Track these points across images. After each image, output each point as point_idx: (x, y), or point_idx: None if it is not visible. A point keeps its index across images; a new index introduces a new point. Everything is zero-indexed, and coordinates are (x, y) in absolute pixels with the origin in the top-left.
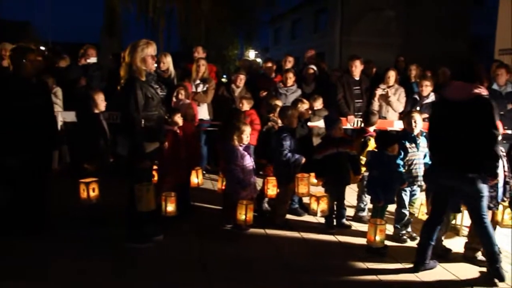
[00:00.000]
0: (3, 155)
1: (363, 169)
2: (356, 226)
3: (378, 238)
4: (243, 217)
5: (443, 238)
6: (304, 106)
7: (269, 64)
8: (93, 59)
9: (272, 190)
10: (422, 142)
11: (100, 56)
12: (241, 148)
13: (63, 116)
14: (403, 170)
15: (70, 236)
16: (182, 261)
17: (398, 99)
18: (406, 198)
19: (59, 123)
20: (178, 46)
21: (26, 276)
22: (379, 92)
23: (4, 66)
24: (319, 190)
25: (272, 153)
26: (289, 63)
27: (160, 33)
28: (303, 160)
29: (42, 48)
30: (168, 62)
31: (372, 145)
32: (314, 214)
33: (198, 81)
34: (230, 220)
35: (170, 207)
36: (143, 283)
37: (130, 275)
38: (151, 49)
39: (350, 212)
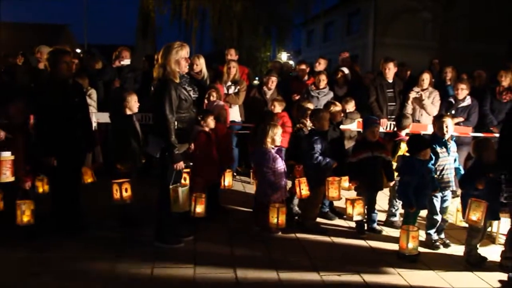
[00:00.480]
0: (41, 155)
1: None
2: (387, 231)
3: (410, 245)
4: (275, 220)
5: (478, 246)
6: (336, 108)
7: (303, 66)
8: (127, 61)
9: (305, 190)
10: (453, 146)
11: (135, 58)
12: (273, 151)
13: (97, 117)
14: (435, 176)
15: (101, 236)
16: (212, 263)
17: (433, 102)
18: (438, 204)
19: (93, 124)
20: (210, 48)
21: (63, 275)
22: (412, 95)
23: (41, 68)
24: (351, 194)
25: (303, 156)
26: (320, 65)
27: (193, 35)
28: (334, 163)
29: (78, 50)
30: (201, 64)
31: (403, 149)
32: (350, 218)
33: (229, 83)
34: (260, 222)
35: (199, 208)
36: (172, 283)
37: (159, 275)
38: (185, 51)
39: (381, 217)
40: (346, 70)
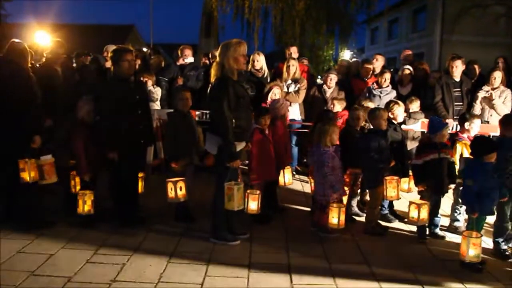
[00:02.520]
0: (105, 149)
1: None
2: (450, 237)
3: (471, 252)
4: (335, 220)
5: None
6: (399, 108)
7: (368, 65)
8: (190, 59)
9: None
10: None
11: (198, 56)
12: (331, 150)
13: (159, 114)
14: (503, 181)
15: (159, 230)
16: (266, 262)
17: (504, 102)
18: (508, 211)
19: (155, 121)
20: (273, 46)
21: (120, 265)
22: (481, 94)
23: (107, 67)
24: (412, 197)
25: (359, 156)
26: (377, 61)
27: (255, 34)
28: (392, 163)
29: (145, 49)
30: (261, 60)
31: (458, 150)
32: (413, 222)
33: (289, 81)
34: (318, 222)
35: (253, 205)
36: (227, 281)
37: (212, 272)
38: (243, 49)
39: (444, 221)
40: (410, 69)
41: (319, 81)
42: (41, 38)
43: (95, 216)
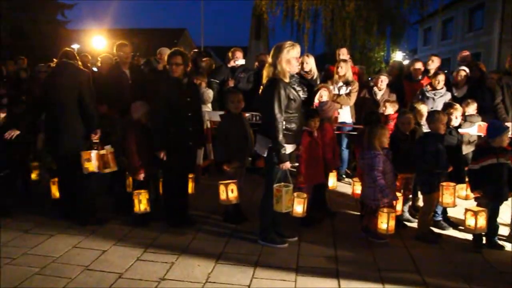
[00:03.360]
0: (155, 149)
1: None
2: (510, 247)
3: None
4: (384, 225)
5: None
6: (455, 111)
7: (417, 66)
8: (241, 61)
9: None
10: None
11: (248, 58)
12: (382, 153)
13: (210, 116)
14: None
15: (208, 230)
16: (314, 267)
17: None
18: None
19: (206, 122)
20: (323, 48)
21: (170, 263)
22: None
23: (160, 69)
24: (469, 204)
25: (414, 160)
26: (433, 62)
27: (305, 36)
28: (449, 168)
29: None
30: (310, 63)
31: None
32: (470, 231)
33: (340, 83)
34: (368, 227)
35: (299, 208)
36: (272, 283)
37: (259, 274)
38: (296, 51)
39: (503, 231)
40: (466, 70)
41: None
42: (98, 43)
43: (150, 215)
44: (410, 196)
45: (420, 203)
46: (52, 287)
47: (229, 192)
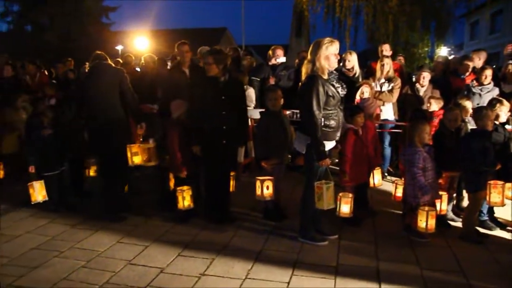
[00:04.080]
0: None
1: None
2: None
3: None
4: (423, 224)
5: None
6: (502, 107)
7: (468, 62)
8: (282, 59)
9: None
10: None
11: (289, 56)
12: (423, 150)
13: (251, 114)
14: None
15: (248, 227)
16: (354, 266)
17: None
18: None
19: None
20: (365, 44)
21: (210, 260)
22: None
23: (201, 66)
24: None
25: (460, 158)
26: (479, 60)
27: (347, 32)
28: (498, 166)
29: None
30: (353, 60)
31: None
32: None
33: (382, 80)
34: (409, 226)
35: (346, 208)
36: (311, 281)
37: (299, 271)
38: (335, 47)
39: None
40: None
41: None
42: (140, 44)
43: (192, 212)
44: (455, 195)
45: (465, 202)
46: (96, 280)
47: (264, 188)
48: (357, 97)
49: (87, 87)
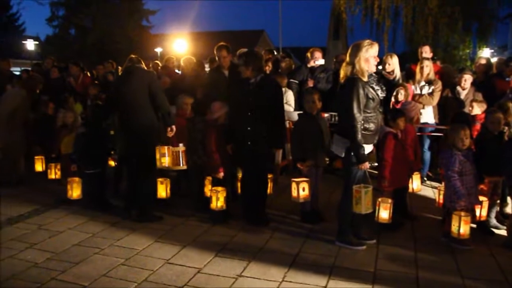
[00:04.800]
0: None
1: None
2: None
3: None
4: (455, 229)
5: None
6: None
7: None
8: (321, 61)
9: None
10: None
11: (326, 59)
12: (460, 154)
13: (288, 116)
14: None
15: (284, 230)
16: (392, 272)
17: None
18: None
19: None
20: (403, 47)
21: (246, 264)
22: None
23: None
24: None
25: (503, 163)
26: None
27: (385, 34)
28: None
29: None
30: (393, 63)
31: None
32: None
33: (422, 83)
34: (449, 232)
35: (385, 214)
36: (348, 286)
37: (336, 275)
38: (375, 50)
39: None
40: None
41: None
42: (179, 46)
43: (227, 213)
44: (498, 201)
45: (509, 208)
46: (135, 278)
47: (300, 190)
48: (392, 99)
49: (118, 90)
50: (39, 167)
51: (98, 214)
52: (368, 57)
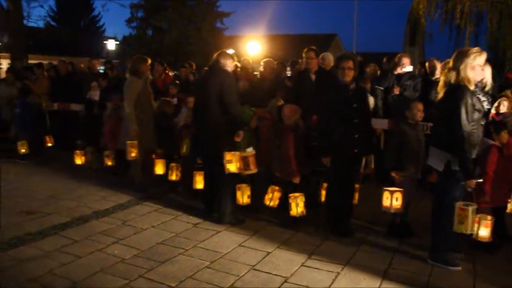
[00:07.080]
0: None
1: None
2: None
3: None
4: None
5: None
6: None
7: None
8: (408, 68)
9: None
10: None
11: None
12: None
13: (374, 123)
14: None
15: (370, 242)
16: None
17: None
18: None
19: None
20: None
21: (334, 276)
22: None
23: (327, 72)
24: None
25: None
26: None
27: (467, 40)
28: None
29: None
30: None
31: None
32: None
33: None
34: None
35: (485, 232)
36: None
37: None
38: (482, 59)
39: None
40: None
41: None
42: (252, 48)
43: (305, 218)
44: None
45: None
46: (222, 282)
47: (393, 200)
48: (493, 111)
49: (195, 90)
50: (159, 170)
51: (180, 213)
52: (475, 65)
